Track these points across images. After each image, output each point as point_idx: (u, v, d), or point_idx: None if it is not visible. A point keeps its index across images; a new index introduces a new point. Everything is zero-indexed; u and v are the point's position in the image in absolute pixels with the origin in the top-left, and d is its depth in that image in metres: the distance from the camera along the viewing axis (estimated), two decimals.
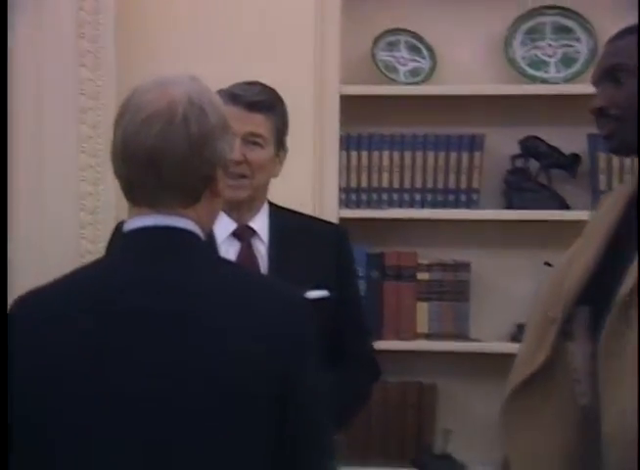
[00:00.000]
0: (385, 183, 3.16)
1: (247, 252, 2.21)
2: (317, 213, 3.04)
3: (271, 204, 2.28)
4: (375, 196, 3.16)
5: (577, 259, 1.85)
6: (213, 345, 1.44)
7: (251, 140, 2.17)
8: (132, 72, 2.78)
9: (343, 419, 2.23)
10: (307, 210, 2.97)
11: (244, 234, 2.21)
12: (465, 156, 3.17)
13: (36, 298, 1.53)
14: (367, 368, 2.31)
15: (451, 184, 3.17)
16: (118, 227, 1.84)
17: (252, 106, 2.17)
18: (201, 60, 3.03)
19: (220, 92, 2.17)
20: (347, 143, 3.15)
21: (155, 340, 1.44)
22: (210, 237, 2.17)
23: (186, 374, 1.43)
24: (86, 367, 1.44)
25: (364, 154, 3.16)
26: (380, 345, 3.06)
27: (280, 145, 2.23)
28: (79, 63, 2.86)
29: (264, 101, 2.19)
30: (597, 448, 1.70)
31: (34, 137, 2.87)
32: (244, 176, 2.17)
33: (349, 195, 3.16)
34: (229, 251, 2.19)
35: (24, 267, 2.78)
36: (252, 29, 3.10)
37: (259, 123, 2.18)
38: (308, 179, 3.08)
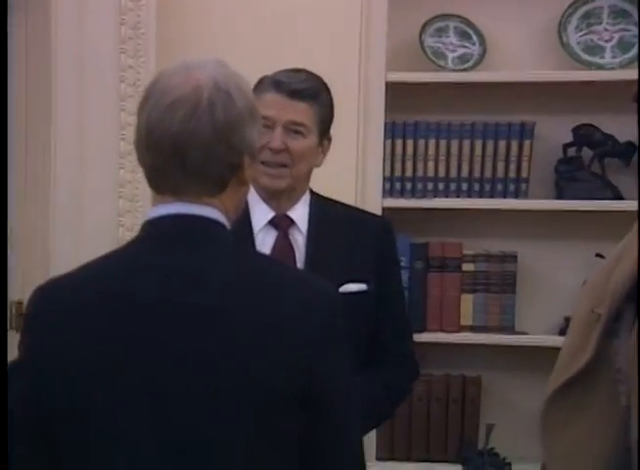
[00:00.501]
0: (430, 172, 3.10)
1: (283, 242, 2.15)
2: (360, 202, 3.00)
3: (313, 193, 2.22)
4: (420, 185, 3.10)
5: (627, 254, 1.77)
6: (235, 336, 1.41)
7: (292, 129, 2.10)
8: (173, 60, 2.72)
9: (377, 416, 2.18)
10: (350, 198, 2.94)
11: (281, 223, 2.16)
12: (514, 144, 3.09)
13: (56, 287, 1.50)
14: (405, 366, 2.24)
15: (499, 173, 3.09)
16: None
17: (296, 93, 2.10)
18: (243, 47, 3.01)
19: (264, 79, 2.14)
20: (393, 131, 3.08)
21: (174, 330, 1.41)
22: (248, 226, 2.14)
23: (205, 365, 1.40)
24: (104, 356, 1.42)
25: (409, 142, 3.09)
26: (423, 337, 3.04)
27: (323, 135, 2.16)
28: (120, 50, 2.84)
29: (308, 89, 2.12)
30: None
31: (75, 124, 2.86)
32: (284, 165, 2.10)
33: (394, 184, 3.10)
34: (265, 240, 2.14)
35: (63, 255, 2.78)
36: (297, 15, 3.06)
37: (302, 112, 2.11)
38: (352, 167, 3.03)
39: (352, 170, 3.03)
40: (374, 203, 3.01)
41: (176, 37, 2.98)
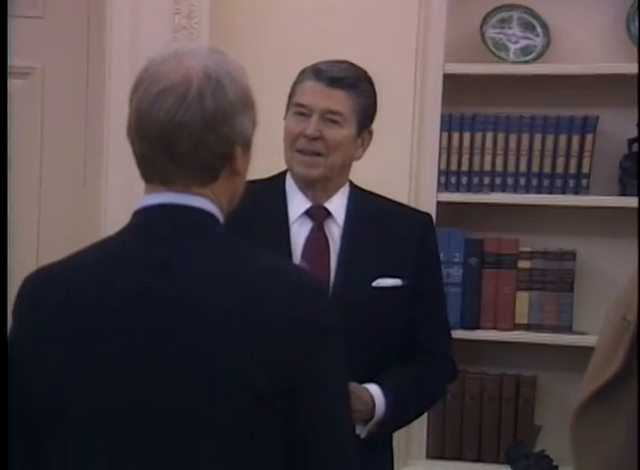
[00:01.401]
0: (487, 166, 3.02)
1: (317, 233, 2.12)
2: (414, 196, 2.95)
3: (353, 186, 2.19)
4: (476, 179, 3.02)
5: None
6: (219, 329, 1.38)
7: (329, 117, 2.07)
8: (226, 49, 2.72)
9: (407, 414, 2.15)
10: (404, 192, 2.90)
11: (318, 214, 2.13)
12: (575, 138, 2.99)
13: (42, 277, 1.49)
14: (439, 365, 2.18)
15: (559, 168, 3.00)
16: None
17: (334, 82, 2.08)
18: (297, 36, 2.98)
19: (306, 68, 2.12)
20: (449, 123, 3.02)
21: (158, 321, 1.39)
22: (284, 215, 2.12)
23: (189, 359, 1.37)
24: (88, 349, 1.40)
25: (466, 135, 3.02)
26: (477, 335, 2.99)
27: (363, 127, 2.12)
28: (173, 39, 2.84)
29: (347, 78, 2.09)
30: None
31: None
32: (318, 154, 2.08)
33: (449, 178, 3.02)
34: (300, 230, 2.12)
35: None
36: (353, 5, 3.01)
37: (339, 100, 2.08)
38: (406, 160, 2.98)
39: (407, 163, 2.98)
40: (428, 197, 2.96)
41: (230, 26, 2.96)
